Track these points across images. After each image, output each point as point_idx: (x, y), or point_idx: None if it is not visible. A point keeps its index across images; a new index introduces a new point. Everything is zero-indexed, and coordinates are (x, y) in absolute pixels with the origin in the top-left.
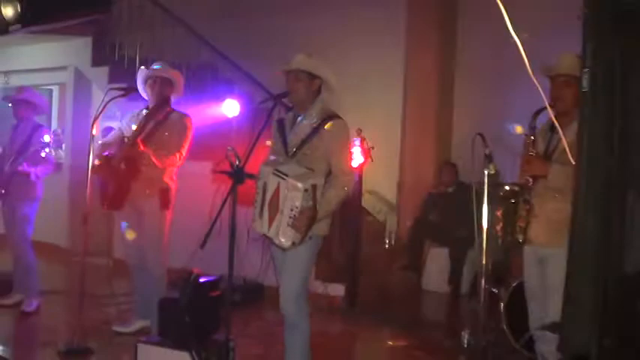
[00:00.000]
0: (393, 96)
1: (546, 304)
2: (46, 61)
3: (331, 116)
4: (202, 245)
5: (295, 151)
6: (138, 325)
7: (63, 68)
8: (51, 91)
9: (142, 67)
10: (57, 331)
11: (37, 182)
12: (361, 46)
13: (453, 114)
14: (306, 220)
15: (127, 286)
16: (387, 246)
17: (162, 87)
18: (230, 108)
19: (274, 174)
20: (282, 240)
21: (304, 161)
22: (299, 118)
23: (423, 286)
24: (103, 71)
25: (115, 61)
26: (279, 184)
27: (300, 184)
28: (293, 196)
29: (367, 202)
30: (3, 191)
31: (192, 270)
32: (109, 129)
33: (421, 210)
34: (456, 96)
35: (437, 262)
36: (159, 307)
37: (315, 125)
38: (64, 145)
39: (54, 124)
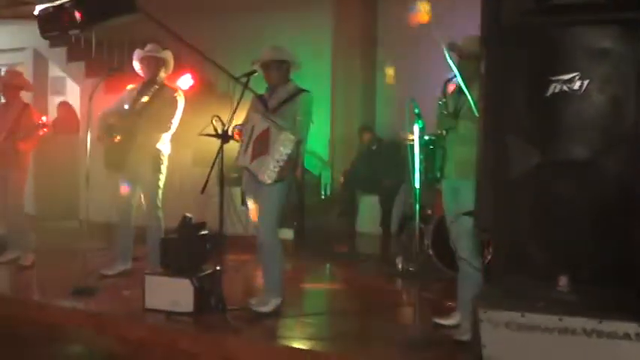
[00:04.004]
0: (322, 63)
1: (461, 222)
2: (6, 42)
3: (303, 90)
4: (202, 191)
5: (275, 109)
6: (119, 268)
7: (22, 49)
8: None
9: (138, 49)
10: (55, 279)
11: (26, 154)
12: (293, 18)
13: (376, 80)
14: (288, 169)
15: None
16: (322, 197)
17: (155, 66)
18: (185, 81)
19: (264, 118)
20: (265, 177)
21: (281, 118)
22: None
23: (358, 228)
24: (61, 52)
25: (72, 43)
26: (269, 127)
27: (293, 137)
28: (286, 145)
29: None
30: None
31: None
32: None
33: (351, 164)
34: (379, 63)
35: (368, 208)
36: (161, 245)
37: (291, 93)
38: None
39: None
